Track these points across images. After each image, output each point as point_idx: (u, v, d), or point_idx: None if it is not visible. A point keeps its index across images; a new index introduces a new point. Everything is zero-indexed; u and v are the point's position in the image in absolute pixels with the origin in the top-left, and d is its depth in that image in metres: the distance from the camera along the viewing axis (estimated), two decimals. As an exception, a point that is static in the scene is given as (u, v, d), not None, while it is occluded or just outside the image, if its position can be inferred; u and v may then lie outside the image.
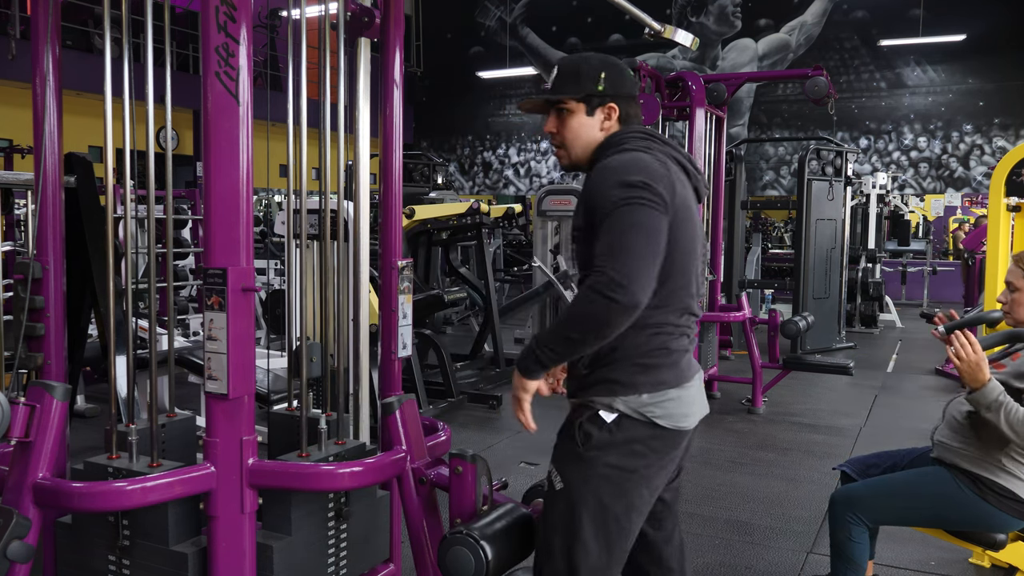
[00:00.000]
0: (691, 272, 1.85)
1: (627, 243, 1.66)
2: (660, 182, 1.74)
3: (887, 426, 5.68)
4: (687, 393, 1.87)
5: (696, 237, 1.85)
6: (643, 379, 1.81)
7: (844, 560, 2.66)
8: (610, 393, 1.82)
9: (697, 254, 1.87)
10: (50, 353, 2.09)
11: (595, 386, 1.85)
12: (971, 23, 15.03)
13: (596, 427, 1.82)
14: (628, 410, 1.81)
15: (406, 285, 2.38)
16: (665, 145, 1.89)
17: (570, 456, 1.86)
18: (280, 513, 2.03)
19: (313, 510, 2.07)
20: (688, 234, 1.82)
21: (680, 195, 1.79)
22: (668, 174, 1.79)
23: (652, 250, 1.69)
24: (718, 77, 6.56)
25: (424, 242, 7.43)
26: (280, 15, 13.11)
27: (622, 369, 1.81)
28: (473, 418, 5.77)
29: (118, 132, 2.03)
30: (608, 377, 1.83)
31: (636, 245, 1.66)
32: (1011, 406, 2.36)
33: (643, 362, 1.81)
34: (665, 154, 1.85)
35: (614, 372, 1.82)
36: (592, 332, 1.67)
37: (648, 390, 1.81)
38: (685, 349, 1.88)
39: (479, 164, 20.33)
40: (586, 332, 1.68)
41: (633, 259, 1.65)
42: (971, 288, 10.74)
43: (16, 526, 1.85)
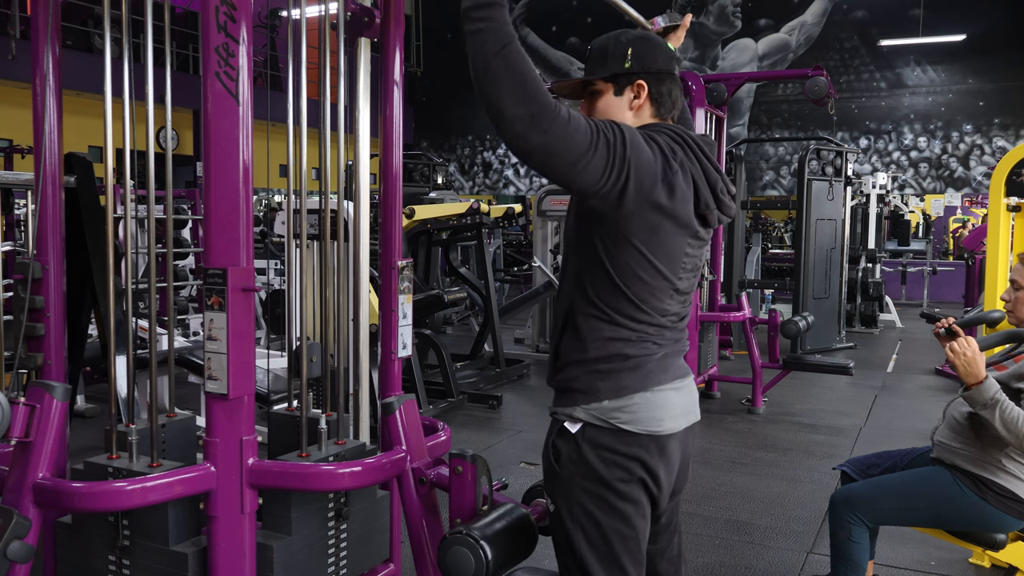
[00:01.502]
0: (667, 282, 1.71)
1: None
2: (636, 144, 1.59)
3: (887, 426, 5.68)
4: (659, 396, 1.72)
5: (680, 251, 1.71)
6: (603, 385, 1.70)
7: (844, 560, 2.66)
8: (571, 403, 1.73)
9: (678, 266, 1.72)
10: (50, 353, 2.09)
11: (557, 397, 1.78)
12: (971, 23, 15.04)
13: (563, 441, 1.73)
14: (590, 418, 1.70)
15: (406, 285, 2.38)
16: (694, 152, 1.72)
17: (551, 476, 1.78)
18: (280, 513, 2.03)
19: (313, 510, 2.07)
20: (674, 243, 1.69)
21: (679, 192, 1.65)
22: (660, 159, 1.63)
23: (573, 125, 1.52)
24: (718, 77, 6.56)
25: (424, 242, 7.43)
26: (280, 15, 13.12)
27: (579, 376, 1.72)
28: (473, 418, 5.77)
29: (118, 132, 2.03)
30: (567, 385, 1.74)
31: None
32: (1006, 404, 2.36)
33: (599, 368, 1.70)
34: (688, 157, 1.69)
35: (571, 380, 1.73)
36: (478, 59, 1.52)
37: (610, 396, 1.69)
38: (649, 354, 1.72)
39: (479, 164, 20.34)
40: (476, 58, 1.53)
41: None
42: (971, 288, 10.73)
43: (16, 526, 1.85)
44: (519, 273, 10.62)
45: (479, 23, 1.49)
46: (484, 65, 1.48)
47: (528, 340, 8.64)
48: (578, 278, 1.74)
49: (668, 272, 1.70)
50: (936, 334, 2.60)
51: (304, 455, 2.06)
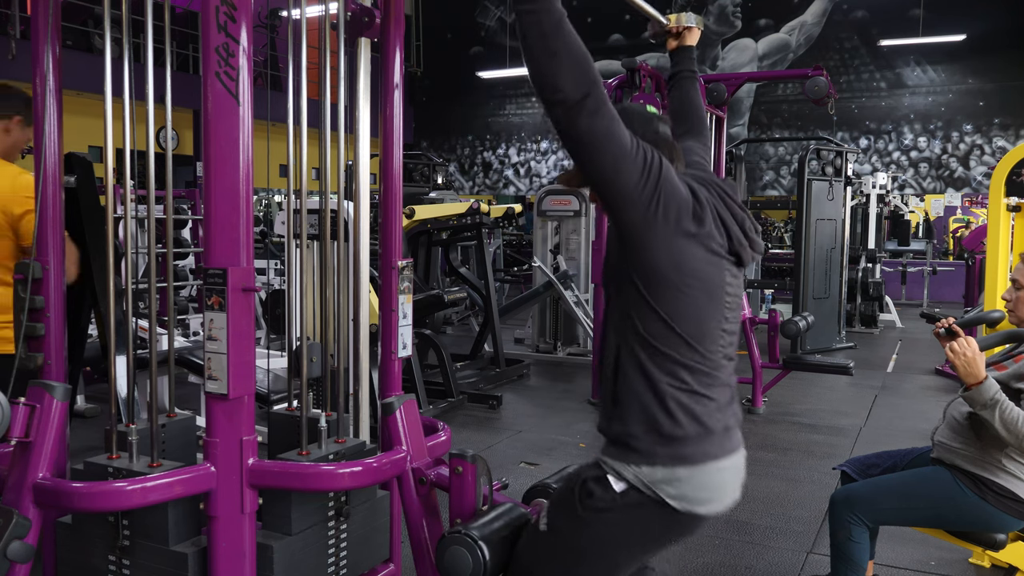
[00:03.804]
0: (713, 318, 1.66)
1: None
2: (669, 173, 1.59)
3: (887, 426, 5.68)
4: (714, 476, 1.65)
5: (721, 281, 1.66)
6: (662, 450, 1.62)
7: (844, 560, 2.66)
8: (623, 459, 1.65)
9: (721, 301, 1.67)
10: (50, 353, 2.09)
11: (609, 446, 1.69)
12: (971, 23, 15.04)
13: (601, 488, 1.66)
14: (637, 482, 1.63)
15: (406, 285, 2.38)
16: (718, 194, 1.71)
17: (565, 506, 1.72)
18: (280, 513, 2.03)
19: (313, 509, 2.07)
20: (712, 273, 1.64)
21: (708, 225, 1.63)
22: (690, 195, 1.62)
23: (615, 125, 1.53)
24: (718, 77, 6.56)
25: (424, 242, 7.43)
26: (280, 15, 13.11)
27: (640, 435, 1.63)
28: (473, 418, 5.77)
29: (118, 132, 2.03)
30: (624, 440, 1.65)
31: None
32: (1006, 405, 2.36)
33: (662, 430, 1.62)
34: (713, 197, 1.68)
35: (631, 436, 1.64)
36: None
37: (665, 463, 1.62)
38: (711, 422, 1.65)
39: (479, 164, 20.34)
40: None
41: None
42: (971, 288, 10.73)
43: (16, 526, 1.85)
44: (519, 273, 10.62)
45: (532, 3, 1.47)
46: (542, 41, 1.47)
47: (528, 340, 8.64)
48: (624, 319, 1.67)
49: (713, 306, 1.66)
50: (936, 334, 2.60)
51: (304, 453, 2.06)
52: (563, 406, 6.11)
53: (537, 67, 1.49)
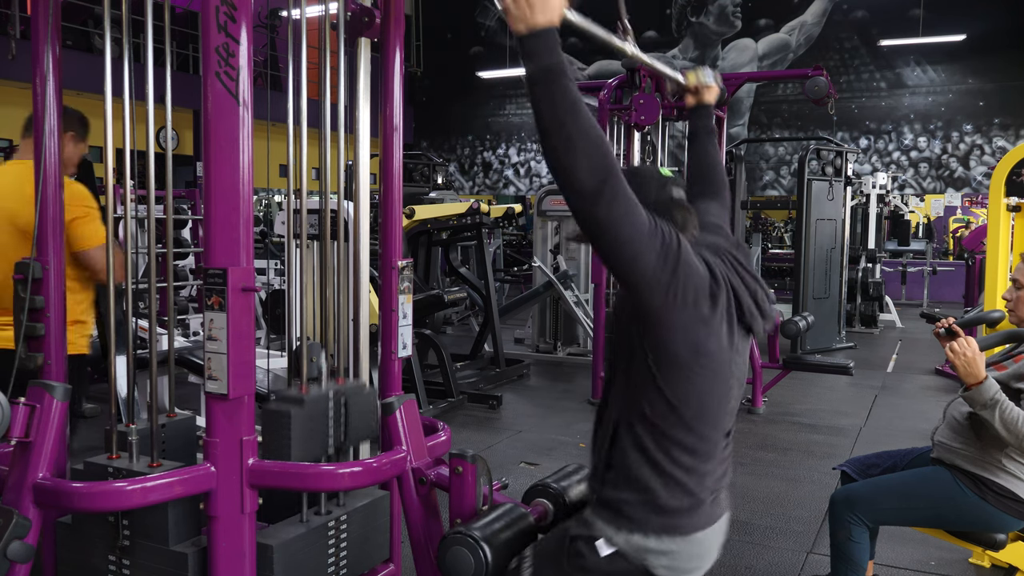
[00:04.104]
0: (717, 401, 1.66)
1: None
2: (687, 251, 1.56)
3: (887, 426, 5.68)
4: (701, 544, 1.68)
5: (727, 364, 1.65)
6: (655, 519, 1.64)
7: (844, 560, 2.66)
8: (614, 524, 1.66)
9: (726, 384, 1.67)
10: (50, 353, 2.09)
11: (600, 508, 1.70)
12: (971, 23, 15.03)
13: (589, 550, 1.67)
14: (628, 549, 1.65)
15: (406, 285, 2.38)
16: (732, 265, 1.70)
17: (552, 561, 1.74)
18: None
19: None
20: (721, 359, 1.64)
21: (721, 307, 1.62)
22: (707, 272, 1.61)
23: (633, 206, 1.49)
24: (718, 77, 6.55)
25: (424, 242, 7.43)
26: (280, 15, 13.11)
27: (634, 503, 1.65)
28: (473, 418, 5.77)
29: (118, 132, 2.03)
30: (617, 506, 1.67)
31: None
32: (1006, 405, 2.36)
33: (658, 501, 1.63)
34: (728, 268, 1.68)
35: (624, 503, 1.66)
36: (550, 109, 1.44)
37: (657, 532, 1.63)
38: (703, 496, 1.67)
39: (479, 164, 20.33)
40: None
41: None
42: (971, 288, 10.73)
43: (16, 526, 1.85)
44: (519, 273, 10.62)
45: (549, 86, 1.44)
46: (557, 127, 1.43)
47: (528, 340, 8.64)
48: (629, 396, 1.67)
49: (719, 386, 1.66)
50: (936, 334, 2.60)
51: (303, 391, 2.04)
52: (563, 406, 6.11)
53: (552, 152, 1.45)
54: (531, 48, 1.45)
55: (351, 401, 2.10)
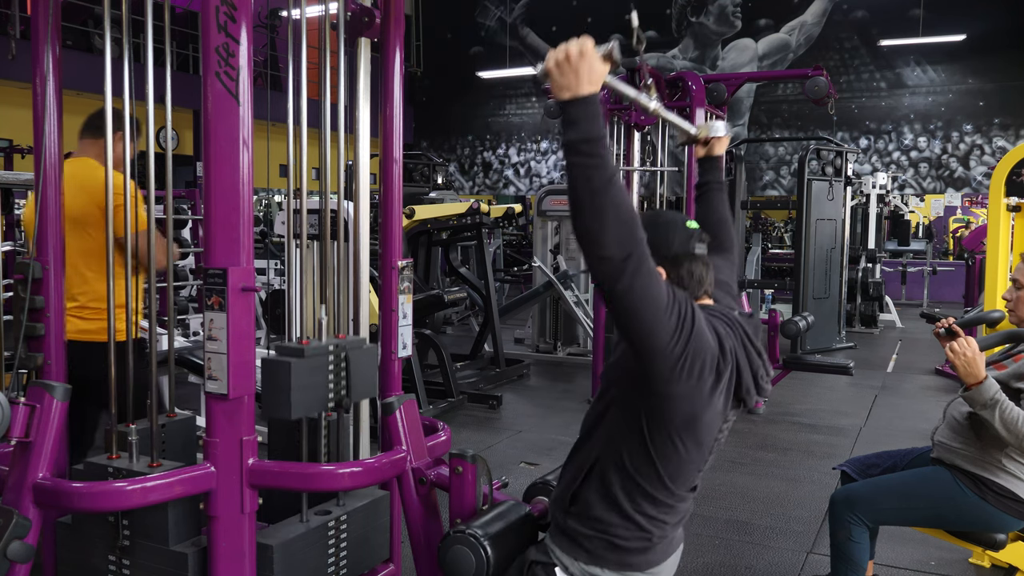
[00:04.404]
0: (696, 464, 1.71)
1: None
2: (700, 324, 1.58)
3: (887, 426, 5.68)
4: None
5: (713, 434, 1.70)
6: (611, 556, 1.70)
7: (844, 560, 2.66)
8: (572, 554, 1.72)
9: (707, 449, 1.72)
10: (50, 353, 2.09)
11: (559, 536, 1.76)
12: (971, 23, 15.03)
13: (545, 575, 1.75)
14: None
15: (406, 285, 2.38)
16: (739, 338, 1.71)
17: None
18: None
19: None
20: (710, 429, 1.68)
21: (723, 383, 1.65)
22: (716, 346, 1.63)
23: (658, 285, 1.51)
24: (718, 77, 6.56)
25: (424, 242, 7.42)
26: (280, 15, 13.10)
27: (592, 537, 1.70)
28: (473, 418, 5.77)
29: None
30: (575, 536, 1.72)
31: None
32: (1006, 404, 2.36)
33: (614, 539, 1.69)
34: (736, 342, 1.69)
35: (582, 536, 1.71)
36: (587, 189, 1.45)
37: (612, 568, 1.70)
38: (663, 536, 1.74)
39: (479, 164, 20.33)
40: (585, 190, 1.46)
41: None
42: (971, 288, 10.73)
43: (16, 526, 1.85)
44: (519, 273, 10.62)
45: (588, 157, 1.45)
46: (591, 197, 1.44)
47: (528, 340, 8.64)
48: (612, 444, 1.71)
49: (700, 454, 1.70)
50: (936, 334, 2.60)
51: (304, 342, 2.02)
52: (563, 406, 6.11)
53: (583, 222, 1.45)
54: (574, 115, 1.46)
55: (352, 356, 2.07)
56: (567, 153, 1.47)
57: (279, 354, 1.96)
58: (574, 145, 1.45)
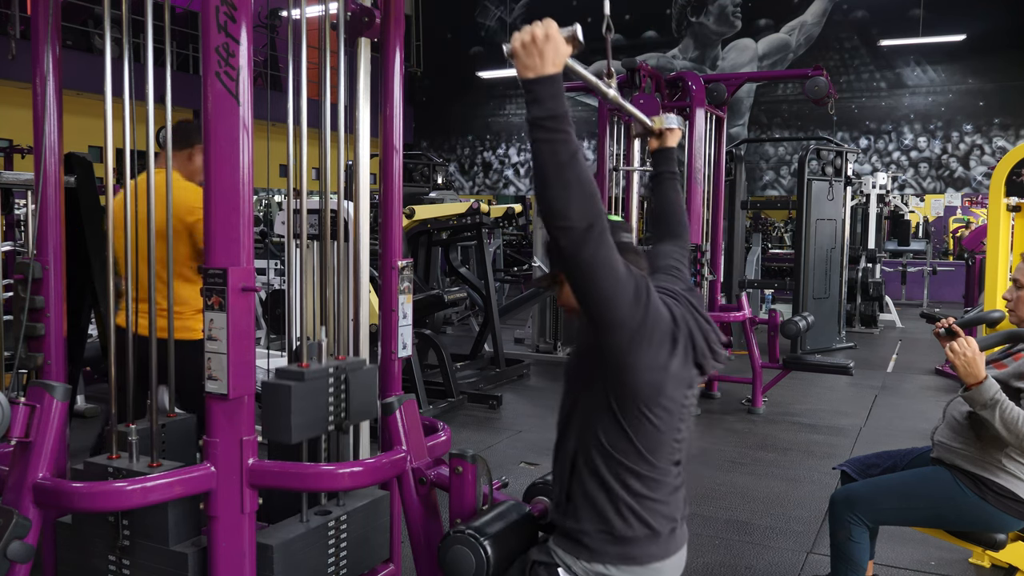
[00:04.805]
0: (670, 435, 1.74)
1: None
2: (654, 296, 1.65)
3: (887, 426, 5.68)
4: (656, 575, 1.75)
5: (679, 403, 1.74)
6: (612, 549, 1.72)
7: (844, 560, 2.66)
8: (573, 553, 1.75)
9: (677, 418, 1.75)
10: (50, 353, 2.09)
11: (561, 538, 1.78)
12: (971, 23, 15.03)
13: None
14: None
15: (406, 285, 2.38)
16: (687, 307, 1.79)
17: None
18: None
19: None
20: (674, 397, 1.72)
21: (681, 348, 1.70)
22: (669, 315, 1.69)
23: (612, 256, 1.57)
24: (718, 77, 6.57)
25: (424, 242, 7.42)
26: (280, 15, 13.11)
27: (592, 533, 1.73)
28: (473, 418, 5.77)
29: (118, 132, 2.03)
30: (576, 536, 1.75)
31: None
32: (1006, 404, 2.36)
33: (614, 532, 1.72)
34: (685, 311, 1.76)
35: (583, 533, 1.74)
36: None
37: (614, 562, 1.72)
38: (671, 519, 1.77)
39: (479, 164, 20.33)
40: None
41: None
42: (971, 288, 10.73)
43: (16, 526, 1.85)
44: (519, 273, 10.61)
45: (554, 133, 1.51)
46: (557, 170, 1.51)
47: (528, 340, 8.63)
48: (588, 428, 1.75)
49: (672, 422, 1.74)
50: (936, 334, 2.60)
51: (304, 365, 2.04)
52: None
53: (549, 194, 1.51)
54: (539, 94, 1.52)
55: (351, 377, 2.09)
56: (533, 130, 1.52)
57: (279, 377, 1.98)
58: (540, 122, 1.51)
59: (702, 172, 6.04)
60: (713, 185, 6.47)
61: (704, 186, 6.15)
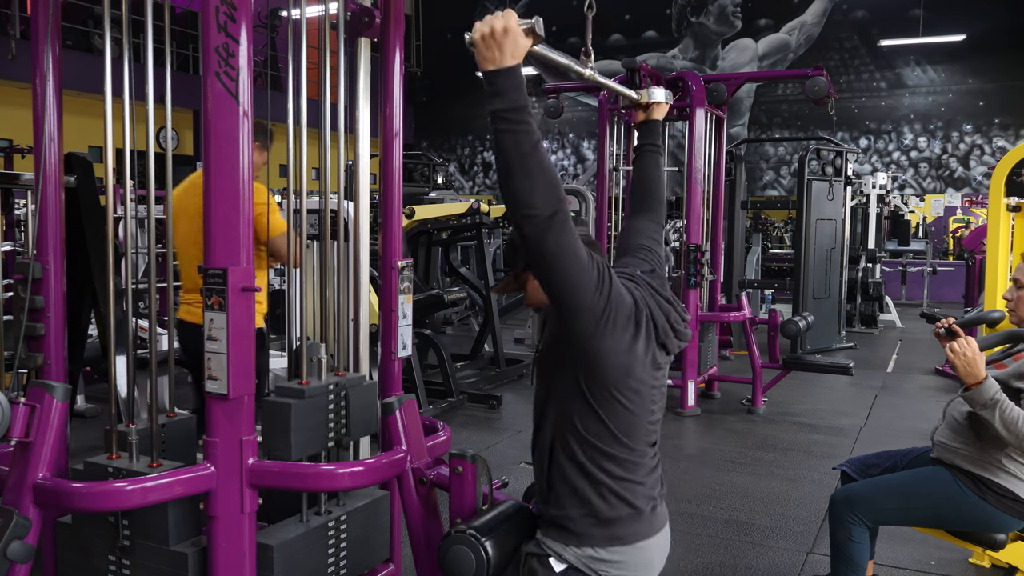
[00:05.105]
0: (642, 416, 1.78)
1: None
2: (615, 281, 1.70)
3: (887, 426, 5.68)
4: (647, 552, 1.79)
5: (648, 384, 1.77)
6: (598, 531, 1.75)
7: (844, 560, 2.66)
8: (562, 540, 1.78)
9: (648, 399, 1.79)
10: (50, 353, 2.09)
11: (551, 527, 1.81)
12: (971, 23, 15.04)
13: (543, 568, 1.79)
14: (578, 563, 1.76)
15: (406, 285, 2.38)
16: (646, 289, 1.83)
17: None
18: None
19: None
20: (643, 379, 1.76)
21: (643, 330, 1.74)
22: (630, 298, 1.73)
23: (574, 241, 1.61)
24: (718, 77, 6.57)
25: (424, 242, 7.42)
26: (280, 15, 13.11)
27: (576, 518, 1.76)
28: (473, 418, 5.77)
29: (118, 132, 2.03)
30: (561, 523, 1.78)
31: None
32: (1006, 404, 2.36)
33: (597, 514, 1.75)
34: (645, 293, 1.80)
35: (567, 519, 1.77)
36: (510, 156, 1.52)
37: (601, 544, 1.75)
38: (642, 507, 1.79)
39: (479, 164, 20.33)
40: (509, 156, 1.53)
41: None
42: (971, 288, 10.73)
43: (16, 526, 1.85)
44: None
45: (516, 124, 1.53)
46: (520, 160, 1.53)
47: (528, 340, 8.64)
48: (562, 416, 1.78)
49: (643, 402, 1.78)
50: (936, 334, 2.60)
51: (304, 383, 2.05)
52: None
53: (513, 185, 1.54)
54: (499, 87, 1.53)
55: (351, 394, 2.10)
56: (495, 121, 1.54)
57: (279, 395, 2.00)
58: (501, 114, 1.52)
59: (702, 172, 6.04)
60: (713, 185, 6.47)
61: (704, 186, 6.14)
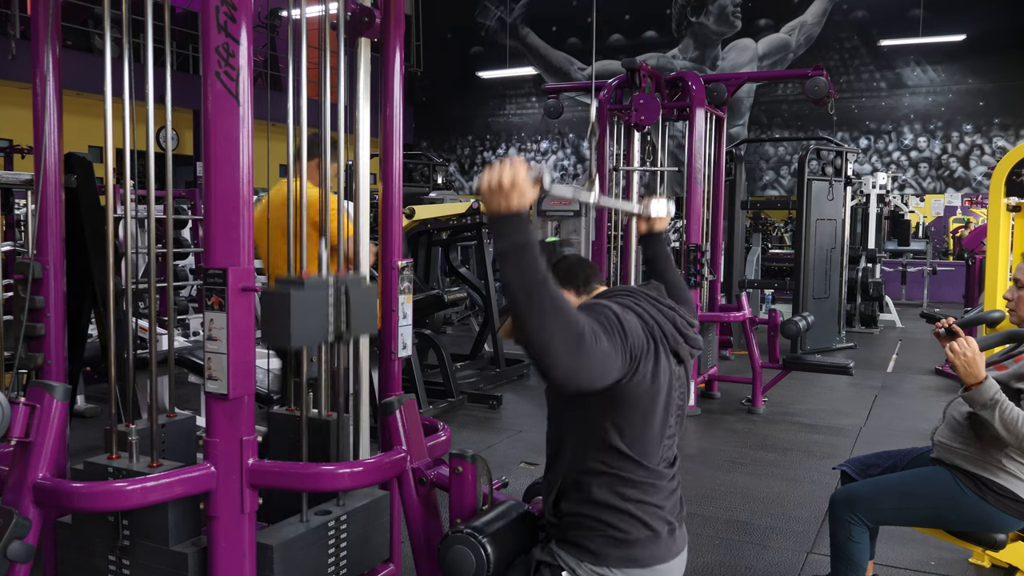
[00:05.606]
0: (660, 434, 1.79)
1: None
2: (628, 320, 1.72)
3: (887, 426, 5.68)
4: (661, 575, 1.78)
5: (664, 403, 1.79)
6: (614, 552, 1.74)
7: (844, 560, 2.66)
8: (577, 556, 1.77)
9: (670, 417, 1.81)
10: (50, 353, 2.09)
11: (564, 543, 1.80)
12: (971, 23, 15.04)
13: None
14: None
15: (406, 285, 2.38)
16: (647, 301, 1.84)
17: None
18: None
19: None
20: (659, 399, 1.77)
21: (654, 348, 1.75)
22: (640, 322, 1.75)
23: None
24: (718, 77, 6.57)
25: (424, 242, 7.42)
26: (280, 15, 13.11)
27: (592, 537, 1.75)
28: (473, 418, 5.77)
29: (118, 132, 2.03)
30: (576, 540, 1.77)
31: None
32: (1006, 405, 2.36)
33: (615, 534, 1.74)
34: (648, 306, 1.82)
35: (583, 537, 1.76)
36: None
37: (618, 565, 1.74)
38: (668, 522, 1.79)
39: (479, 164, 20.32)
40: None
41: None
42: (971, 288, 10.73)
43: (16, 526, 1.85)
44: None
45: (518, 260, 1.52)
46: (527, 296, 1.50)
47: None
48: (578, 451, 1.78)
49: (664, 416, 1.79)
50: (936, 334, 2.60)
51: (304, 275, 2.00)
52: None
53: (526, 327, 1.51)
54: (504, 229, 1.53)
55: (352, 291, 2.05)
56: (501, 260, 1.54)
57: (279, 286, 1.89)
58: (506, 253, 1.52)
59: (702, 172, 6.04)
60: (713, 185, 6.47)
61: (704, 186, 6.15)
